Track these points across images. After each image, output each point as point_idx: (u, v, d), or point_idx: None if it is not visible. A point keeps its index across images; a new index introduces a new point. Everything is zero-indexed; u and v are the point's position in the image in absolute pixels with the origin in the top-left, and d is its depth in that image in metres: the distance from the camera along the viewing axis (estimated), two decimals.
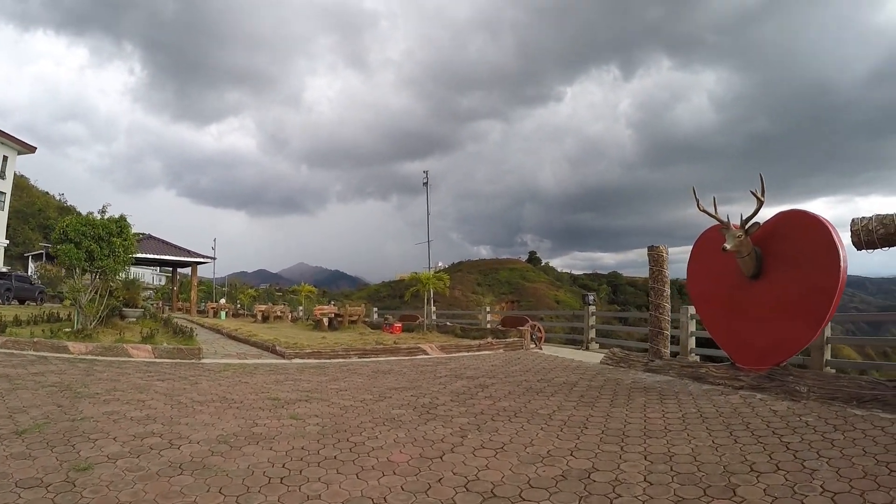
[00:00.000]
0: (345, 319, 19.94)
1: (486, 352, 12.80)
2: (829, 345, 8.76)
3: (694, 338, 11.01)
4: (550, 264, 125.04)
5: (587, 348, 14.85)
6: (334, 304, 28.82)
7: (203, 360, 10.25)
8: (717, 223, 7.70)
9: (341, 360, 11.24)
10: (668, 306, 9.17)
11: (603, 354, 13.25)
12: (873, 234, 5.89)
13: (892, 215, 5.82)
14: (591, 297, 15.86)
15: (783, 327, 7.03)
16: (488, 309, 20.73)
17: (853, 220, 6.17)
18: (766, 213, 7.51)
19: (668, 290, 9.14)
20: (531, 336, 13.51)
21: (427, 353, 12.36)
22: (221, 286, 71.76)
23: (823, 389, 6.06)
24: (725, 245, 7.14)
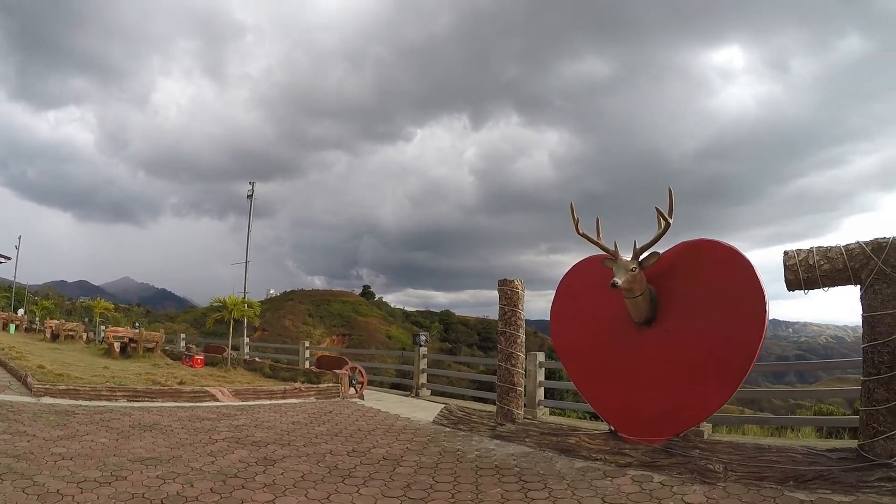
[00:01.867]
0: (139, 346, 16.07)
1: (293, 400, 9.98)
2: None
3: (542, 389, 9.38)
4: (384, 299, 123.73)
5: (417, 395, 12.70)
6: (137, 328, 23.68)
7: None
8: (599, 252, 6.05)
9: (104, 402, 8.47)
10: (523, 356, 7.29)
11: (434, 405, 11.26)
12: (815, 269, 4.58)
13: (838, 247, 4.55)
14: (423, 337, 13.71)
15: (685, 389, 5.47)
16: (307, 344, 17.71)
17: (786, 252, 4.85)
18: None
19: (522, 336, 7.28)
20: (350, 381, 10.97)
21: (216, 400, 9.27)
22: (34, 294, 59.13)
23: (746, 467, 4.59)
24: (616, 280, 5.47)
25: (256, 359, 15.79)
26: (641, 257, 5.65)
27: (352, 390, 11.02)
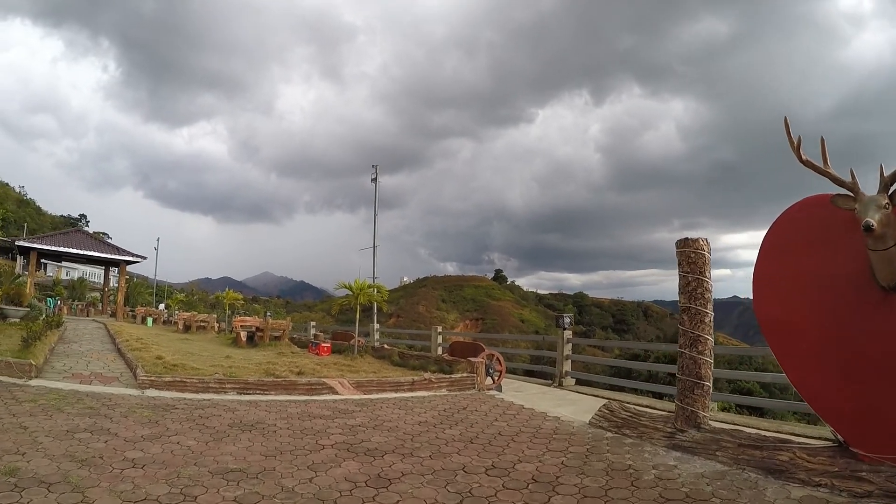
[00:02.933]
0: (265, 335, 16.29)
1: (423, 392, 9.10)
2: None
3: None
4: (516, 283, 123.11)
5: (560, 384, 11.33)
6: (269, 317, 24.72)
7: (30, 382, 7.79)
8: (831, 191, 4.26)
9: (212, 394, 8.02)
10: (712, 341, 5.52)
11: (582, 397, 9.83)
12: None
13: None
14: (567, 320, 12.21)
15: None
16: (440, 329, 16.96)
17: None
18: (734, 239, 4.05)
19: (711, 314, 5.52)
20: (487, 370, 9.88)
21: (335, 392, 8.64)
22: (180, 291, 67.58)
23: None
24: (869, 221, 3.71)
25: (385, 346, 15.34)
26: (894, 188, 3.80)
27: (489, 380, 9.95)
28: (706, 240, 5.50)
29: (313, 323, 26.76)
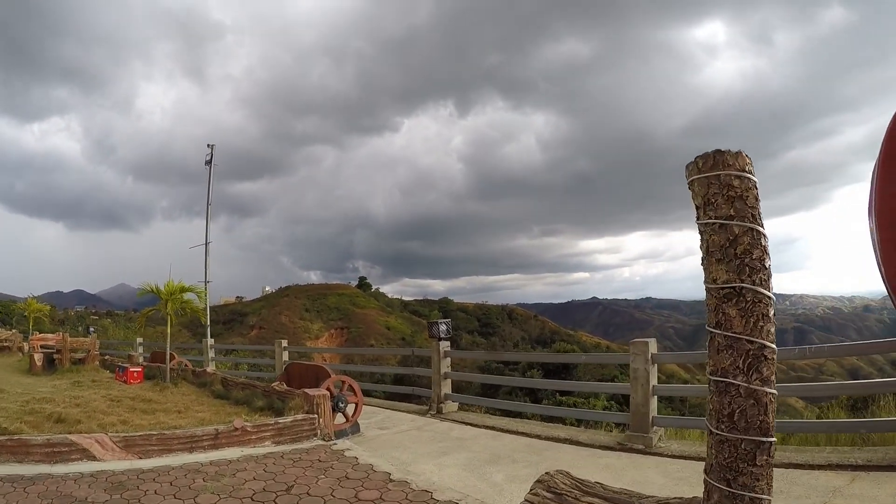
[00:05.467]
0: (64, 357, 12.74)
1: (232, 451, 5.68)
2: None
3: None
4: (381, 290, 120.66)
5: (439, 411, 8.51)
6: (92, 332, 19.59)
7: None
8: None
9: None
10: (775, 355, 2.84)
11: (472, 431, 7.06)
12: None
13: None
14: (444, 327, 9.30)
15: None
16: (285, 344, 13.32)
17: None
18: (591, 244, 1.70)
19: (773, 300, 2.85)
20: (336, 405, 6.65)
21: (92, 457, 5.05)
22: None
23: None
24: None
25: (208, 369, 11.50)
26: None
27: (339, 418, 6.79)
28: (747, 155, 2.87)
29: (140, 340, 21.34)
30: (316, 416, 6.20)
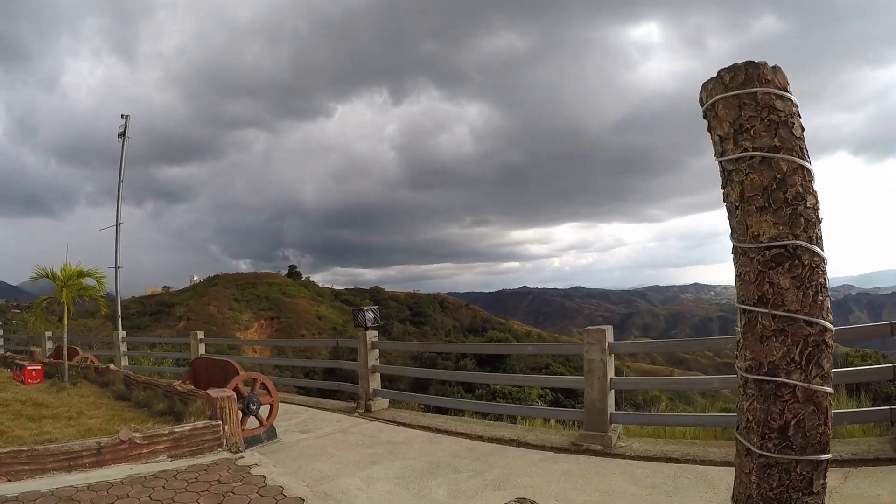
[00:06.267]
0: None
1: (118, 469, 4.68)
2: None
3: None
4: (312, 279, 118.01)
5: (368, 409, 7.76)
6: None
7: None
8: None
9: None
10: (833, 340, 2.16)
11: (403, 433, 6.35)
12: None
13: None
14: (371, 315, 8.52)
15: None
16: (201, 336, 12.09)
17: None
18: (522, 235, 1.19)
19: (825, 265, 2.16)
20: (246, 407, 5.74)
21: None
22: None
23: None
24: None
25: (111, 366, 10.19)
26: None
27: (251, 421, 5.89)
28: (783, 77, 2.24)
29: (49, 334, 18.89)
30: (220, 422, 5.26)
